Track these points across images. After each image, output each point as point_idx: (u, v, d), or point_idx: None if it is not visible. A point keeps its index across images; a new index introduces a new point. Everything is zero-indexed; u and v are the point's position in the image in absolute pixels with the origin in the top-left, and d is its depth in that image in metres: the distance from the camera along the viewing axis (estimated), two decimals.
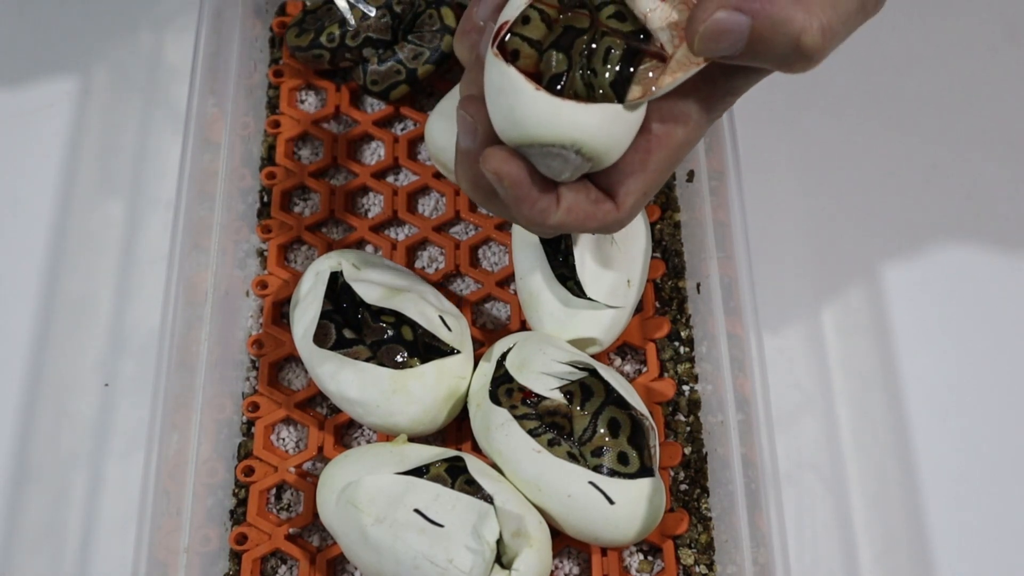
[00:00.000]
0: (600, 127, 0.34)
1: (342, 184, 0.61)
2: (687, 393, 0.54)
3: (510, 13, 0.36)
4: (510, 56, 0.36)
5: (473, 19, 0.40)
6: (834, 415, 0.56)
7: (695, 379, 0.55)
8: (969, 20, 0.68)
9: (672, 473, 0.53)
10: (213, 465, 0.51)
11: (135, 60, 0.67)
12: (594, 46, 0.36)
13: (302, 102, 0.64)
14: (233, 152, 0.56)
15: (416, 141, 0.63)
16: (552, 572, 0.51)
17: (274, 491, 0.54)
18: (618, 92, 0.35)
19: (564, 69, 0.35)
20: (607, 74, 0.35)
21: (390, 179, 0.62)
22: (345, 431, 0.55)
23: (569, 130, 0.34)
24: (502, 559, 0.46)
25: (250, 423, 0.55)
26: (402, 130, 0.63)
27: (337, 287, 0.53)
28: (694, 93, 0.38)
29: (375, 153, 0.63)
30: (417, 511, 0.46)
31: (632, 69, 0.35)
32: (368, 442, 0.55)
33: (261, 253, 0.59)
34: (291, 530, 0.52)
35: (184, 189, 0.51)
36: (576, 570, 0.51)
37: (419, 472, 0.48)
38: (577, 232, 0.39)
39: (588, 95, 0.35)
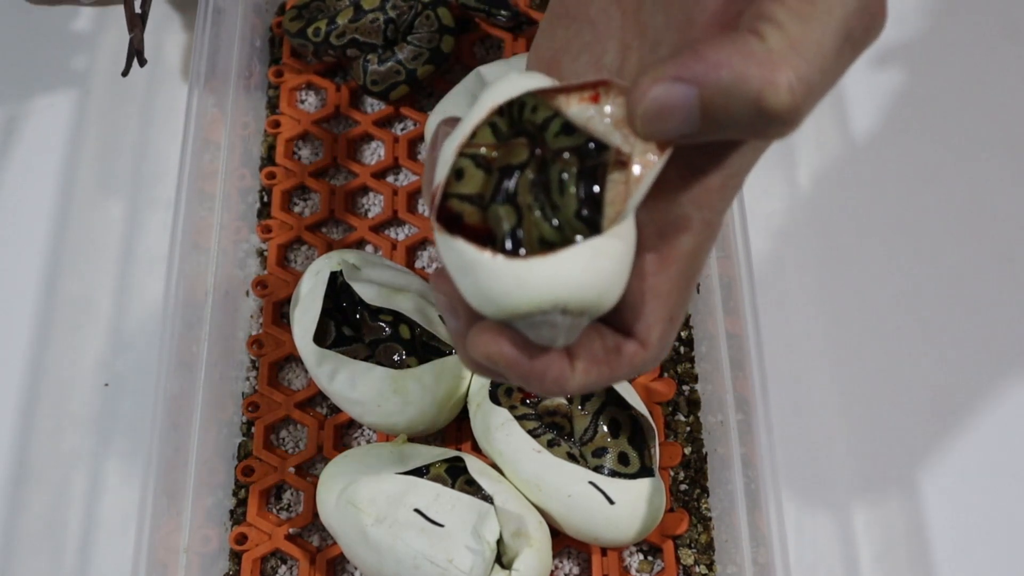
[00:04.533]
0: (582, 274, 0.28)
1: (342, 184, 0.61)
2: (687, 393, 0.54)
3: (442, 171, 0.30)
4: (454, 222, 0.30)
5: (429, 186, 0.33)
6: (834, 414, 0.56)
7: (695, 379, 0.55)
8: (968, 19, 0.68)
9: (672, 473, 0.53)
10: (213, 465, 0.51)
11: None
12: (544, 177, 0.30)
13: (302, 102, 0.64)
14: (233, 152, 0.56)
15: (416, 141, 0.62)
16: (552, 572, 0.51)
17: (274, 491, 0.54)
18: (590, 219, 0.29)
19: (515, 221, 0.29)
20: (571, 204, 0.29)
21: (390, 179, 0.62)
22: (345, 431, 0.55)
23: (545, 292, 0.28)
24: (502, 559, 0.46)
25: (250, 423, 0.55)
26: (402, 130, 0.63)
27: (337, 287, 0.53)
28: (684, 192, 0.32)
29: (375, 153, 0.63)
30: (417, 511, 0.46)
31: (598, 188, 0.29)
32: (368, 442, 0.54)
33: (261, 253, 0.59)
34: (291, 530, 0.52)
35: (184, 189, 0.51)
36: (576, 570, 0.51)
37: (419, 472, 0.48)
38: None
39: (557, 236, 0.29)
